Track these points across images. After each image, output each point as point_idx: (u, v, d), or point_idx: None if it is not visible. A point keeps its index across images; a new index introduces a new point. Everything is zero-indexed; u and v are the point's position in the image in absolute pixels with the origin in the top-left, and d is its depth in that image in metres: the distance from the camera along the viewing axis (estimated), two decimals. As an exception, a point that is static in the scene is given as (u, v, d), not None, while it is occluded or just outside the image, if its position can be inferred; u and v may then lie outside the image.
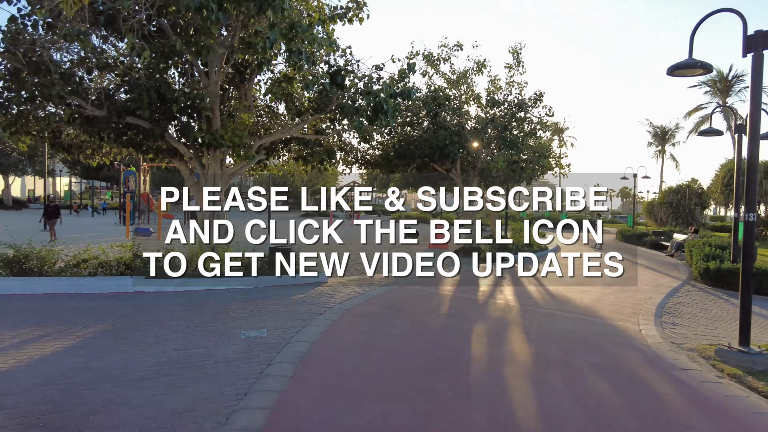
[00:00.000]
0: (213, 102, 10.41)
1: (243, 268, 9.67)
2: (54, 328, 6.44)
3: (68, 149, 12.45)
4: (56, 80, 7.43)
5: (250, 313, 7.46)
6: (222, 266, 9.60)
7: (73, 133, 11.72)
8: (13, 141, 11.36)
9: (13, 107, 10.00)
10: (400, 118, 15.39)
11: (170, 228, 7.57)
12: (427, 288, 9.97)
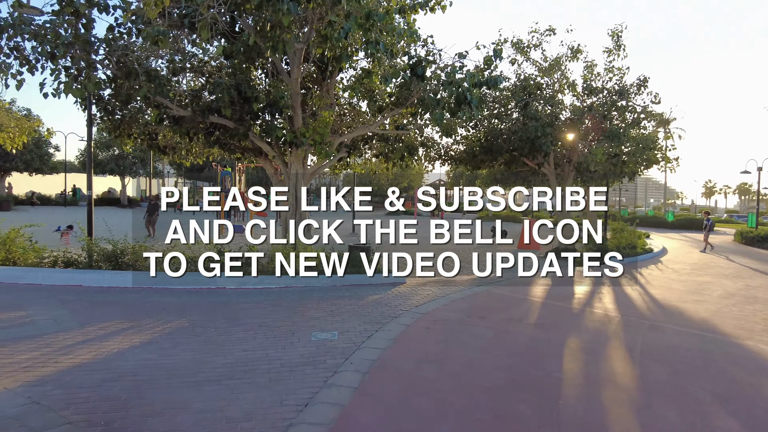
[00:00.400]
0: (294, 100, 10.39)
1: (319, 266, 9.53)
2: (136, 323, 6.61)
3: (163, 150, 13.17)
4: (143, 82, 7.71)
5: (324, 312, 7.22)
6: (297, 265, 9.54)
7: (168, 135, 12.35)
8: (117, 144, 12.16)
9: (117, 112, 10.70)
10: (486, 110, 14.56)
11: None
12: (513, 292, 9.17)
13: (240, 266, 9.02)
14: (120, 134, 11.52)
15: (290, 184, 11.41)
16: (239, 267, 8.95)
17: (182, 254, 9.55)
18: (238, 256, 8.56)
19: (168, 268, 8.83)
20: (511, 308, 7.84)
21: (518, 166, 16.77)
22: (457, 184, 40.02)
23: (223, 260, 8.40)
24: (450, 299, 8.23)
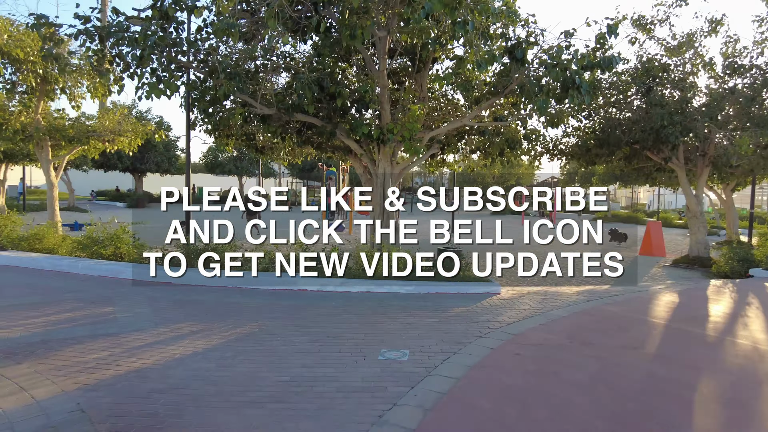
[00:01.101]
0: (381, 94, 9.82)
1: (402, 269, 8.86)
2: (208, 325, 6.44)
3: (261, 150, 13.36)
4: (224, 80, 7.60)
5: (400, 325, 6.50)
6: (390, 267, 8.95)
7: (265, 136, 12.46)
8: (219, 145, 12.51)
9: (218, 113, 10.94)
10: (601, 97, 12.82)
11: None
12: (629, 310, 7.70)
13: (315, 266, 8.67)
14: (219, 135, 11.83)
15: (377, 182, 10.87)
16: (314, 267, 8.61)
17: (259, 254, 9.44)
18: (312, 256, 8.19)
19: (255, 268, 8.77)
20: (626, 331, 6.48)
21: (640, 161, 14.65)
22: (571, 182, 37.03)
23: (298, 259, 8.08)
24: (550, 317, 7.06)
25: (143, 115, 32.24)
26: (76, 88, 13.65)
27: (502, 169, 42.44)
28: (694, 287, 10.01)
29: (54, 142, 13.40)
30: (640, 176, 16.39)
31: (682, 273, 13.10)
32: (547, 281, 11.13)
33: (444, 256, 9.80)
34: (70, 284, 8.74)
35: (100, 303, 7.50)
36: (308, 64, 8.65)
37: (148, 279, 9.03)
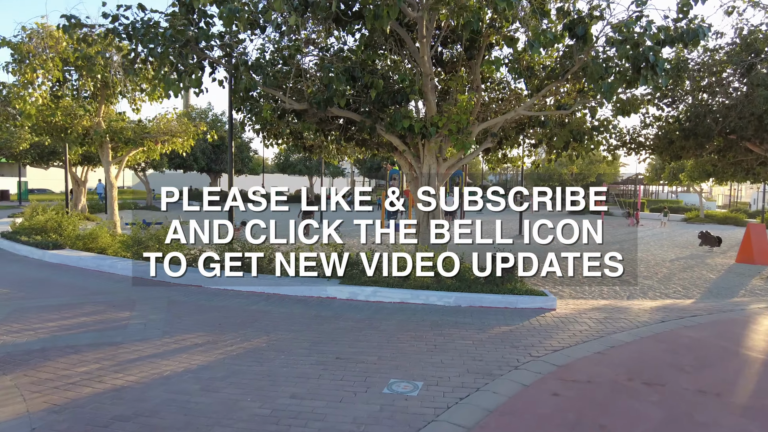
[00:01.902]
0: (424, 84, 8.92)
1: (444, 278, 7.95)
2: (216, 337, 5.94)
3: (310, 150, 12.90)
4: (244, 73, 7.10)
5: (426, 346, 5.61)
6: (436, 272, 8.10)
7: (314, 135, 11.96)
8: (266, 144, 12.20)
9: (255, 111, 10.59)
10: (688, 80, 11.02)
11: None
12: (716, 336, 6.23)
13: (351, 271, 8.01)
14: (268, 134, 11.49)
15: (421, 180, 9.98)
16: (350, 272, 7.96)
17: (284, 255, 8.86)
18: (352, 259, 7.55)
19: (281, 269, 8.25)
20: (708, 367, 5.13)
21: (738, 153, 12.55)
22: (657, 179, 33.63)
23: (340, 259, 7.48)
24: (610, 342, 5.82)
25: (206, 111, 33.38)
26: (136, 92, 14.02)
27: (582, 166, 39.68)
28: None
29: (113, 144, 13.80)
30: (738, 172, 14.11)
31: (791, 287, 10.97)
32: (617, 292, 9.67)
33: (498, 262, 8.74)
34: (104, 285, 8.70)
35: (121, 306, 7.28)
36: (339, 52, 7.95)
37: (176, 281, 8.79)
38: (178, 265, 9.82)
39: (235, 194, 8.98)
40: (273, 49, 8.10)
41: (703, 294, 10.02)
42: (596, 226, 8.42)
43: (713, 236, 17.73)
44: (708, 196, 59.68)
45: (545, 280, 10.94)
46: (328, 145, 11.67)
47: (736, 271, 13.03)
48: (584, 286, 10.48)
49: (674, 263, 14.26)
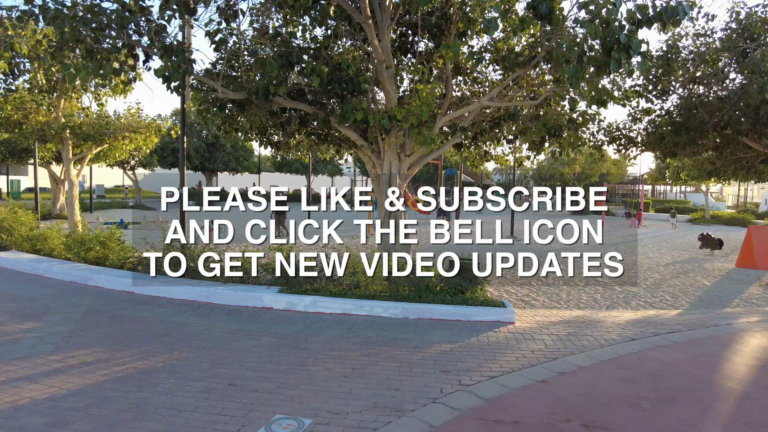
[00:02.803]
0: (379, 72, 8.10)
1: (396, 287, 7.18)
2: (109, 354, 5.20)
3: (277, 146, 12.12)
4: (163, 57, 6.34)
5: (343, 370, 4.81)
6: (390, 277, 7.34)
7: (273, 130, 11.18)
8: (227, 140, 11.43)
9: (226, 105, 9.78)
10: (678, 68, 10.09)
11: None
12: (687, 362, 5.35)
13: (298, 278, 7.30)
14: (228, 129, 10.74)
15: (382, 178, 9.18)
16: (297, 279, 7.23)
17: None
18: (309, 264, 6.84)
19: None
20: (670, 403, 4.26)
21: (737, 150, 11.58)
22: (662, 178, 32.45)
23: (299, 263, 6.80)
24: (561, 367, 4.97)
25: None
26: (102, 87, 13.36)
27: (584, 165, 38.61)
28: None
29: (75, 141, 13.14)
30: (738, 170, 13.11)
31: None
32: (597, 301, 8.79)
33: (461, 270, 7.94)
34: (30, 290, 7.98)
35: (29, 316, 6.55)
36: (276, 36, 7.16)
37: (115, 288, 8.09)
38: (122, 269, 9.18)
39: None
40: (205, 32, 7.32)
41: (692, 303, 9.11)
42: (595, 228, 7.62)
43: (714, 238, 16.71)
44: (718, 197, 58.06)
45: (522, 285, 10.09)
46: (291, 140, 10.88)
47: (735, 277, 12.06)
48: (563, 292, 9.61)
49: (668, 268, 13.31)
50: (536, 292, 9.58)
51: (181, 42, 6.62)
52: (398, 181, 8.94)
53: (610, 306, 8.69)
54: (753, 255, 13.33)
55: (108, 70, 6.43)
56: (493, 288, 9.75)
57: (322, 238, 7.44)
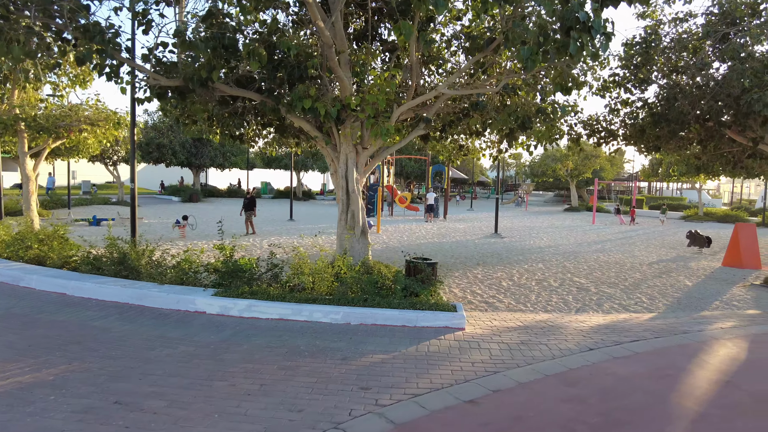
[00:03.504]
0: (329, 57, 7.52)
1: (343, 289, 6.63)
2: (26, 363, 4.63)
3: (240, 139, 11.52)
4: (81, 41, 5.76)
5: (251, 386, 4.25)
6: (337, 279, 6.78)
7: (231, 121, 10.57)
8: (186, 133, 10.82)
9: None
10: (655, 54, 9.50)
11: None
12: (645, 377, 4.79)
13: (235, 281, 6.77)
14: (187, 121, 10.15)
15: (339, 172, 8.61)
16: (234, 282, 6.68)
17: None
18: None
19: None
20: (617, 428, 3.70)
21: (722, 144, 11.01)
22: (654, 174, 31.84)
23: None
24: (498, 383, 4.40)
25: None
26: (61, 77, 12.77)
27: (576, 161, 37.97)
28: None
29: (30, 134, 12.55)
30: (725, 165, 12.54)
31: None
32: (567, 303, 8.23)
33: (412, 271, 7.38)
34: (-48, 293, 7.41)
35: (-67, 323, 5.99)
36: (209, 16, 6.56)
37: (42, 287, 7.52)
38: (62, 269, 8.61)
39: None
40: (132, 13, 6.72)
41: (669, 306, 8.55)
42: (584, 225, 7.00)
43: (702, 236, 16.15)
44: (715, 194, 57.46)
45: (491, 285, 9.54)
46: (248, 131, 10.30)
47: (719, 277, 11.50)
48: (533, 293, 9.06)
49: (652, 267, 12.75)
50: (504, 293, 9.03)
51: (97, 22, 6.02)
52: (355, 176, 8.36)
53: (581, 309, 8.13)
54: (739, 254, 12.78)
55: (18, 52, 5.83)
56: (458, 289, 9.19)
57: (291, 235, 6.86)
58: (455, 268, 11.58)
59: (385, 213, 29.61)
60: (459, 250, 14.66)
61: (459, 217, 29.19)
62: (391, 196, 29.49)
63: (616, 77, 10.25)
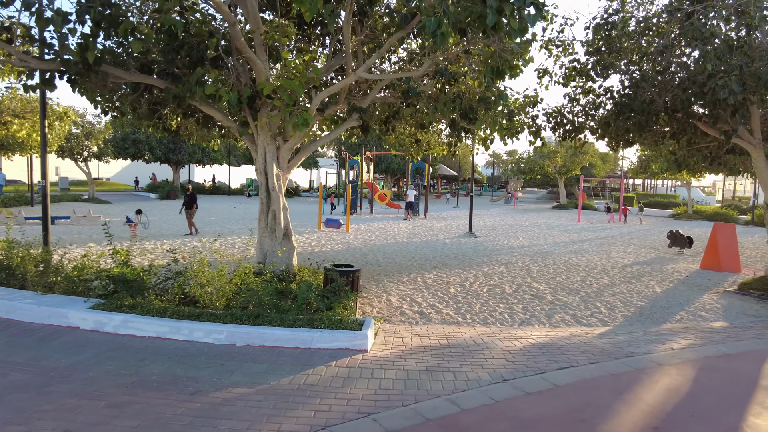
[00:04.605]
0: (235, 37, 6.61)
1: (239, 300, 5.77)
2: None
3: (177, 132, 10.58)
4: None
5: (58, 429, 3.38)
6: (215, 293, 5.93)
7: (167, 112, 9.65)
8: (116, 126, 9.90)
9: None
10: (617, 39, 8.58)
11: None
12: (554, 416, 3.91)
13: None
14: (115, 114, 9.23)
15: (258, 166, 7.73)
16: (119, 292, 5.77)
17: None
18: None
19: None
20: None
21: (694, 137, 10.11)
22: (643, 171, 30.91)
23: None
24: (363, 430, 3.53)
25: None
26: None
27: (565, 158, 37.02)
28: (743, 353, 5.79)
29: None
30: (701, 161, 11.64)
31: (749, 307, 8.57)
32: (513, 314, 7.34)
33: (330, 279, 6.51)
34: None
35: None
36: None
37: None
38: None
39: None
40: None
41: (628, 318, 7.67)
42: (566, 224, 6.09)
43: (683, 236, 15.26)
44: (710, 191, 56.48)
45: (436, 292, 8.64)
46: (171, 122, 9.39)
47: (693, 282, 10.62)
48: (480, 302, 8.17)
49: (624, 270, 11.86)
50: (447, 302, 8.15)
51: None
52: (275, 171, 7.47)
53: (526, 321, 7.25)
54: (718, 256, 11.89)
55: None
56: (397, 298, 8.31)
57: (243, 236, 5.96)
58: (409, 271, 10.70)
59: (366, 210, 28.71)
60: (423, 252, 13.77)
61: (441, 215, 28.27)
62: (371, 193, 28.59)
63: (576, 63, 9.34)
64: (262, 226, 7.74)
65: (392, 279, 9.80)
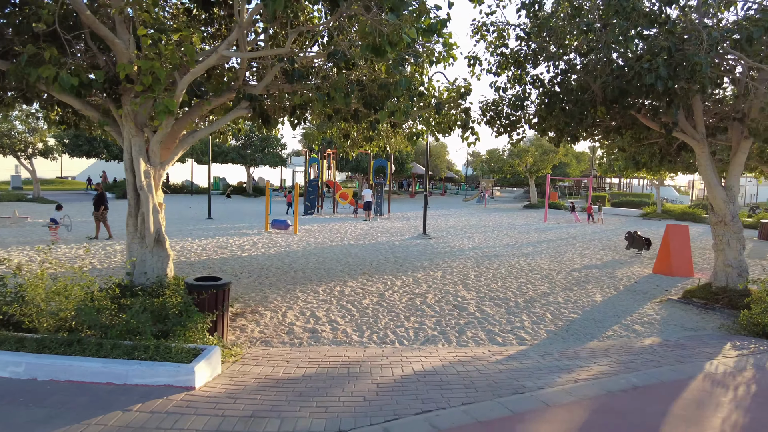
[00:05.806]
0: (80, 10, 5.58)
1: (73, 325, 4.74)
2: None
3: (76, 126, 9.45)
4: None
5: None
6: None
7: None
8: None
9: None
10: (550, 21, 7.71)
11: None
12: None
13: None
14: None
15: (125, 162, 6.71)
16: None
17: None
18: None
19: None
20: None
21: (640, 132, 9.32)
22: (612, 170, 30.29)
23: None
24: None
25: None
26: None
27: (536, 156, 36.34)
28: (653, 385, 4.93)
29: None
30: (651, 158, 10.86)
31: (689, 319, 7.77)
32: (420, 330, 6.42)
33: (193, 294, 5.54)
34: None
35: None
36: None
37: None
38: None
39: None
40: None
41: (552, 334, 6.81)
42: (530, 224, 5.12)
43: (641, 237, 14.54)
44: (686, 190, 56.40)
45: (343, 304, 7.70)
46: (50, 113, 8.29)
47: (639, 288, 9.82)
48: (388, 316, 7.22)
49: (570, 275, 11.04)
50: (352, 316, 7.21)
51: None
52: (143, 167, 6.44)
53: (431, 339, 6.34)
54: (669, 259, 11.14)
55: None
56: (295, 312, 7.35)
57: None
58: (332, 278, 9.74)
59: (327, 210, 27.70)
60: (363, 255, 12.83)
61: (406, 214, 27.34)
62: (333, 191, 27.58)
63: (503, 47, 8.46)
64: (130, 231, 6.71)
65: (306, 289, 8.84)
